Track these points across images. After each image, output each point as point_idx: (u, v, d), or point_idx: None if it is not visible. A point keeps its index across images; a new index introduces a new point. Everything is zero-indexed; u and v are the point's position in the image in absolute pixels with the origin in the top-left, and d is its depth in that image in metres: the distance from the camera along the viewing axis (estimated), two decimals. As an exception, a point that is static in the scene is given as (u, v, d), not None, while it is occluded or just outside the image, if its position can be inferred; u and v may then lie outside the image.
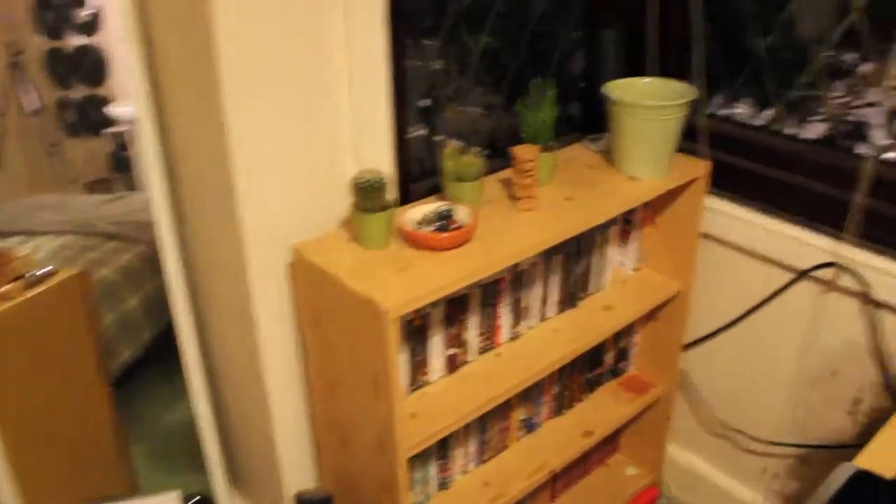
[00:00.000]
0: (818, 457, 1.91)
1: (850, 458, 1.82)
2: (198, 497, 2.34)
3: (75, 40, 4.42)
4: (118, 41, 4.56)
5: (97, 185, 4.67)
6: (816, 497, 1.12)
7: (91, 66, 4.57)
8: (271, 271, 1.57)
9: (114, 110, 4.57)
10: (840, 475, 1.14)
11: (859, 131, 1.80)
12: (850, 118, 1.80)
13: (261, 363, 1.64)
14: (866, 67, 1.77)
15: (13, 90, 4.30)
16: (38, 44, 4.36)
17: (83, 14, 4.42)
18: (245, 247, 1.51)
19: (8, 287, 1.94)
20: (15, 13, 4.29)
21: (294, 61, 1.43)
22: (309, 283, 1.52)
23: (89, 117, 4.57)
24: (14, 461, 1.91)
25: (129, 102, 4.61)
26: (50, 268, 2.02)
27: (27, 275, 2.01)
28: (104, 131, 4.66)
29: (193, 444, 2.00)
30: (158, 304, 3.09)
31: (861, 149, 1.78)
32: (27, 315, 1.95)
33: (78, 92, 4.54)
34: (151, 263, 3.13)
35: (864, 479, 1.12)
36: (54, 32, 4.38)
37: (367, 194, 1.44)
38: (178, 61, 1.50)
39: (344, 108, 1.55)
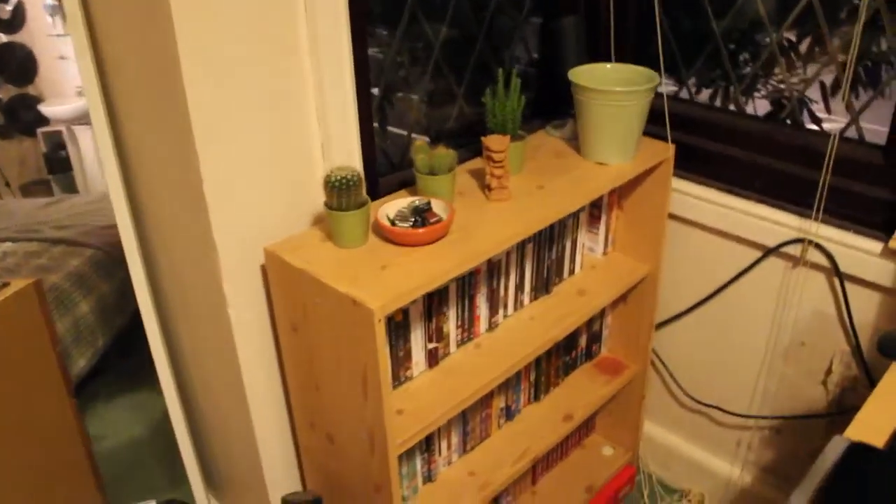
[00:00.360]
0: (792, 427, 1.95)
1: (823, 427, 1.87)
2: (174, 502, 2.29)
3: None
4: (45, 37, 4.40)
5: (33, 188, 4.52)
6: (814, 471, 1.13)
7: (17, 65, 4.41)
8: (245, 274, 1.53)
9: (46, 109, 4.41)
10: (835, 448, 1.16)
11: (801, 106, 1.84)
12: (794, 93, 1.84)
13: (239, 367, 1.60)
14: (807, 45, 1.82)
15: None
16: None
17: (4, 10, 4.25)
18: (217, 248, 1.47)
19: (-40, 303, 1.86)
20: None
21: (257, 58, 1.39)
22: (285, 284, 1.48)
23: (20, 118, 4.41)
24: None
25: (62, 101, 4.46)
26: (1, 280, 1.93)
27: (-21, 288, 1.93)
28: (39, 131, 4.50)
29: (164, 451, 1.95)
30: (112, 309, 3.01)
31: (805, 122, 1.83)
32: (-18, 330, 1.87)
33: (5, 92, 4.37)
34: (102, 267, 3.04)
35: (858, 451, 1.14)
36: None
37: (341, 192, 1.41)
38: (130, 56, 1.44)
39: (310, 104, 1.51)
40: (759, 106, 1.97)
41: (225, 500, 2.06)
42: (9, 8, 4.28)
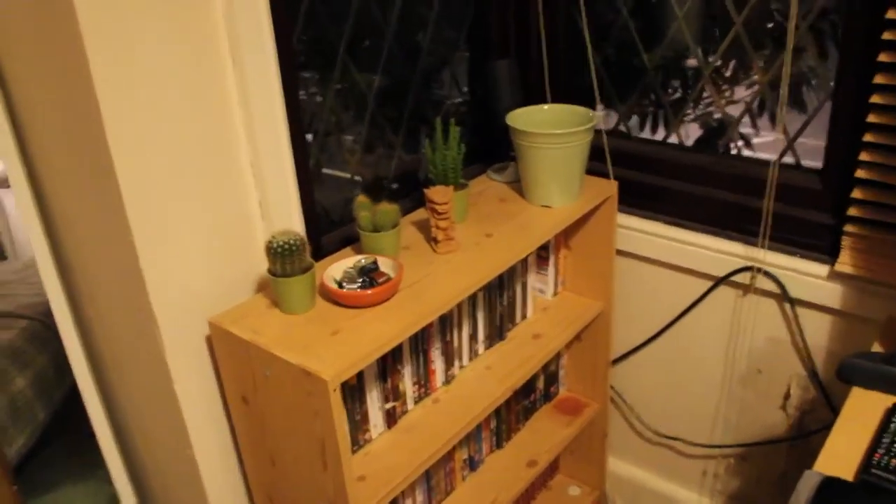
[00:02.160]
0: (756, 453, 1.95)
1: (786, 451, 1.87)
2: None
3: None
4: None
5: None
6: (790, 506, 1.12)
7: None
8: (190, 347, 1.47)
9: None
10: (807, 484, 1.15)
11: (724, 128, 1.86)
12: (717, 116, 1.86)
13: (190, 442, 1.53)
14: (730, 70, 1.85)
15: None
16: None
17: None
18: (157, 322, 1.40)
19: None
20: None
21: (186, 119, 1.34)
22: (233, 356, 1.43)
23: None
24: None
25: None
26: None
27: None
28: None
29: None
30: (50, 382, 2.89)
31: (726, 143, 1.86)
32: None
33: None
34: (38, 339, 2.92)
35: (831, 486, 1.14)
36: None
37: (284, 258, 1.36)
38: (50, 116, 1.37)
39: (244, 166, 1.47)
40: (691, 130, 1.99)
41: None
42: None
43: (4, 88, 1.42)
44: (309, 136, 1.70)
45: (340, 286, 1.45)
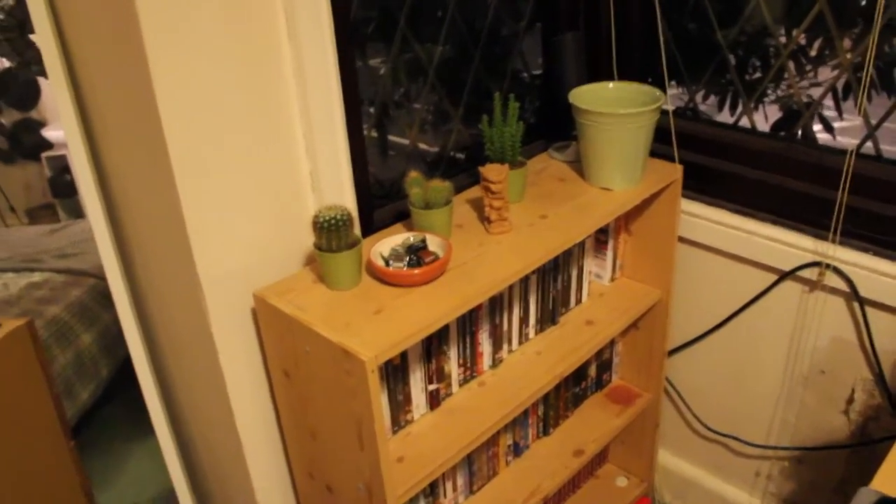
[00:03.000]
0: (813, 457, 1.86)
1: (845, 458, 1.78)
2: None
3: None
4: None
5: (39, 212, 4.49)
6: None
7: (19, 90, 4.37)
8: (235, 319, 1.46)
9: (49, 134, 4.38)
10: (861, 502, 1.08)
11: (811, 111, 1.76)
12: (803, 99, 1.76)
13: (233, 413, 1.53)
14: (817, 49, 1.74)
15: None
16: (-39, 71, 4.16)
17: (7, 37, 4.21)
18: (203, 292, 1.40)
19: (-51, 348, 1.80)
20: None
21: (238, 91, 1.32)
22: (276, 330, 1.42)
23: (23, 143, 4.38)
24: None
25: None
26: (-8, 325, 1.88)
27: (-31, 331, 1.88)
28: (42, 155, 4.47)
29: (165, 490, 1.89)
30: (115, 339, 2.95)
31: (816, 130, 1.75)
32: (-28, 375, 1.82)
33: (8, 117, 4.33)
34: (105, 297, 2.99)
35: (885, 507, 1.07)
36: (-24, 58, 4.17)
37: (330, 233, 1.34)
38: (108, 87, 1.38)
39: (297, 139, 1.44)
40: (770, 112, 1.89)
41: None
42: (36, 42, 4.25)
43: (68, 60, 1.42)
44: (371, 109, 1.67)
45: (387, 263, 1.42)
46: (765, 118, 1.86)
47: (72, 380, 2.72)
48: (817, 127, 1.81)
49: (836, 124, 1.87)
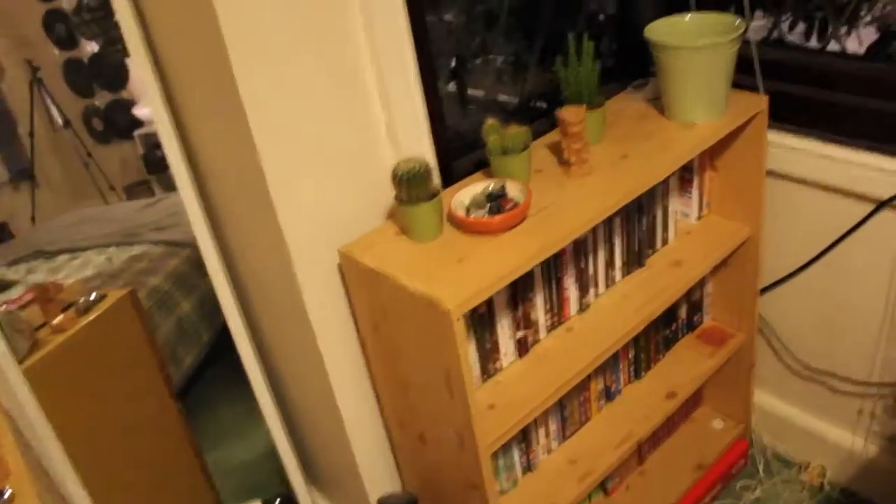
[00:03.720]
0: (920, 392, 1.80)
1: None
2: (279, 497, 2.32)
3: (90, 47, 4.37)
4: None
5: (136, 188, 4.67)
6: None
7: (109, 72, 4.53)
8: (322, 276, 1.50)
9: (140, 111, 4.53)
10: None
11: None
12: None
13: (326, 369, 1.58)
14: None
15: (38, 106, 4.28)
16: (54, 57, 4.33)
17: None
18: (289, 252, 1.44)
19: (60, 319, 1.91)
20: (27, 29, 4.25)
21: (308, 43, 1.33)
22: (363, 284, 1.44)
23: (117, 122, 4.55)
24: (93, 487, 1.90)
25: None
26: (95, 295, 1.97)
27: (79, 302, 1.98)
28: (135, 133, 4.63)
29: (271, 446, 1.96)
30: (214, 305, 3.06)
31: None
32: (84, 343, 1.92)
33: (101, 99, 4.50)
34: (200, 265, 3.09)
35: None
36: (67, 43, 4.33)
37: (410, 185, 1.35)
38: (187, 57, 1.41)
39: (371, 90, 1.45)
40: (865, 36, 1.78)
41: (328, 496, 2.07)
42: (120, 24, 4.40)
43: (147, 35, 1.46)
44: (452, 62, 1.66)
45: (468, 212, 1.42)
46: (858, 42, 1.77)
47: (175, 346, 2.84)
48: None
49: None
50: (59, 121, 4.24)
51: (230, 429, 2.75)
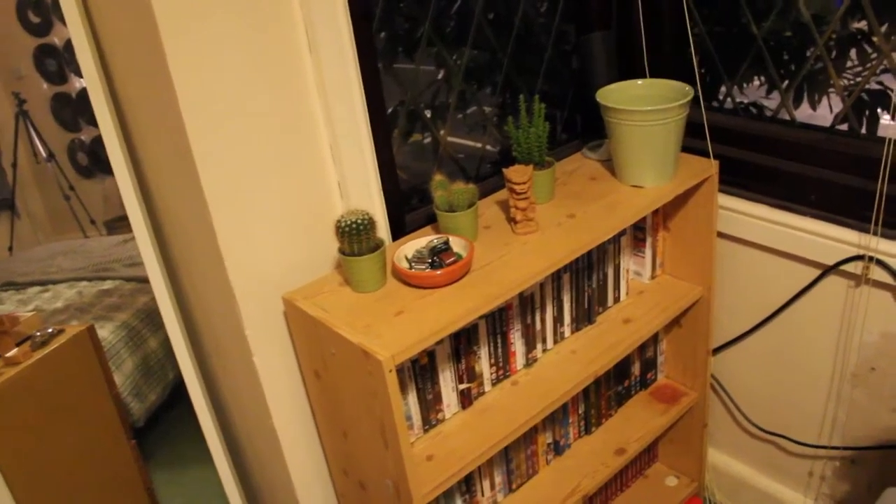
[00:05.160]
0: (868, 458, 1.80)
1: (897, 459, 1.72)
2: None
3: (79, 83, 4.42)
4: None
5: (117, 224, 4.68)
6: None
7: (99, 106, 4.56)
8: (267, 322, 1.51)
9: (125, 148, 4.56)
10: (889, 502, 1.05)
11: (882, 100, 1.69)
12: (871, 87, 1.69)
13: (270, 413, 1.59)
14: (877, 35, 1.66)
15: (22, 139, 4.31)
16: (42, 91, 4.38)
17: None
18: (235, 296, 1.45)
19: (14, 352, 1.92)
20: (18, 62, 4.30)
21: (261, 102, 1.37)
22: (305, 332, 1.46)
23: (101, 157, 4.58)
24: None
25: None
26: (51, 329, 1.98)
27: (35, 336, 1.99)
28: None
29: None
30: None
31: (886, 118, 1.68)
32: (37, 377, 1.93)
33: (87, 133, 4.54)
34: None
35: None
36: (57, 78, 4.38)
37: (352, 237, 1.37)
38: (144, 106, 1.44)
39: (323, 145, 1.48)
40: (837, 103, 1.81)
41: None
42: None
43: (109, 80, 1.50)
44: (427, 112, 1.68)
45: (411, 266, 1.45)
46: (829, 109, 1.80)
47: (140, 382, 2.84)
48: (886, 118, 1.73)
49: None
50: (44, 153, 4.28)
51: (188, 466, 2.74)
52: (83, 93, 4.44)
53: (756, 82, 1.87)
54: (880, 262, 1.59)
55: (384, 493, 1.48)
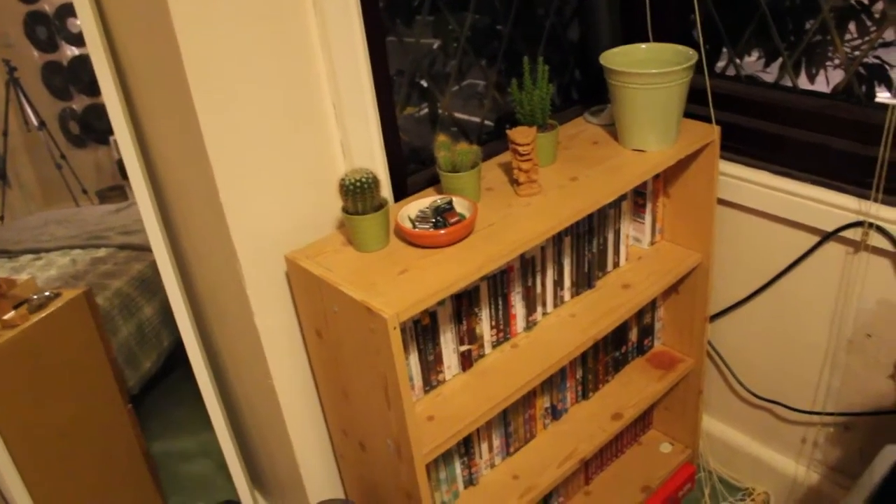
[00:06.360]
0: (861, 423, 1.82)
1: (893, 425, 1.74)
2: (226, 502, 2.32)
3: (70, 51, 4.37)
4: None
5: (109, 193, 4.66)
6: (862, 483, 1.04)
7: (88, 76, 4.53)
8: (269, 282, 1.51)
9: (117, 117, 4.53)
10: (885, 459, 1.06)
11: (880, 73, 1.69)
12: (868, 61, 1.69)
13: (270, 374, 1.59)
14: (879, 6, 1.66)
15: (13, 107, 4.27)
16: (33, 59, 4.33)
17: (75, 25, 4.37)
18: (238, 257, 1.45)
19: (11, 314, 1.91)
20: (7, 28, 4.24)
21: (265, 59, 1.36)
22: (307, 291, 1.46)
23: (93, 127, 4.54)
24: (36, 488, 1.89)
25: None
26: (48, 293, 1.97)
27: (31, 299, 1.98)
28: (111, 138, 4.63)
29: (220, 452, 1.97)
30: (176, 311, 3.06)
31: (883, 93, 1.68)
32: (34, 340, 1.92)
33: (79, 103, 4.50)
34: (165, 271, 3.10)
35: (908, 463, 1.04)
36: (48, 46, 4.33)
37: (355, 196, 1.37)
38: (147, 71, 1.43)
39: (327, 105, 1.47)
40: (833, 77, 1.82)
41: (272, 501, 2.07)
42: (79, 22, 4.41)
43: (110, 40, 1.48)
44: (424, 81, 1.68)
45: (414, 226, 1.44)
46: (826, 82, 1.80)
47: (134, 349, 2.83)
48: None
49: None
50: (35, 122, 4.23)
51: (183, 434, 2.74)
52: (74, 61, 4.40)
53: (754, 56, 1.87)
54: (880, 229, 1.60)
55: (384, 452, 1.49)
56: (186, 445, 2.68)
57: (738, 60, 1.87)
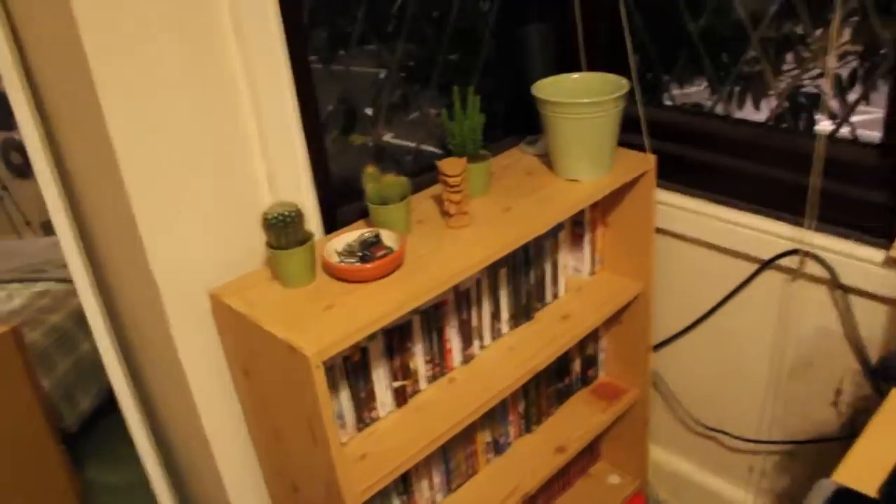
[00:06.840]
0: (806, 451, 1.81)
1: (837, 451, 1.73)
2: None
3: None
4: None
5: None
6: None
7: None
8: (194, 318, 1.46)
9: (63, 147, 4.44)
10: (819, 494, 1.03)
11: (813, 103, 1.70)
12: (808, 91, 1.69)
13: (199, 414, 1.53)
14: (813, 37, 1.67)
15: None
16: (-25, 87, 4.22)
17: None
18: (161, 295, 1.40)
19: (-68, 356, 1.83)
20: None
21: (184, 89, 1.31)
22: (232, 329, 1.41)
23: (38, 157, 4.43)
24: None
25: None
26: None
27: (-46, 340, 1.90)
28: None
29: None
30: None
31: (824, 121, 1.69)
32: (-43, 383, 1.84)
33: (21, 133, 4.39)
34: (107, 305, 3.02)
35: (845, 498, 1.02)
36: (-11, 74, 4.23)
37: (278, 230, 1.33)
38: (65, 104, 1.39)
39: (252, 136, 1.43)
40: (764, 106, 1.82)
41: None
42: None
43: (27, 70, 1.43)
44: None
45: (341, 260, 1.41)
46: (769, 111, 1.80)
47: (72, 386, 2.74)
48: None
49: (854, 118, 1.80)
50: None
51: (121, 473, 2.65)
52: (18, 91, 4.31)
53: (703, 85, 1.88)
54: (815, 257, 1.60)
55: (317, 494, 1.44)
56: (126, 479, 2.59)
57: (672, 90, 1.87)
